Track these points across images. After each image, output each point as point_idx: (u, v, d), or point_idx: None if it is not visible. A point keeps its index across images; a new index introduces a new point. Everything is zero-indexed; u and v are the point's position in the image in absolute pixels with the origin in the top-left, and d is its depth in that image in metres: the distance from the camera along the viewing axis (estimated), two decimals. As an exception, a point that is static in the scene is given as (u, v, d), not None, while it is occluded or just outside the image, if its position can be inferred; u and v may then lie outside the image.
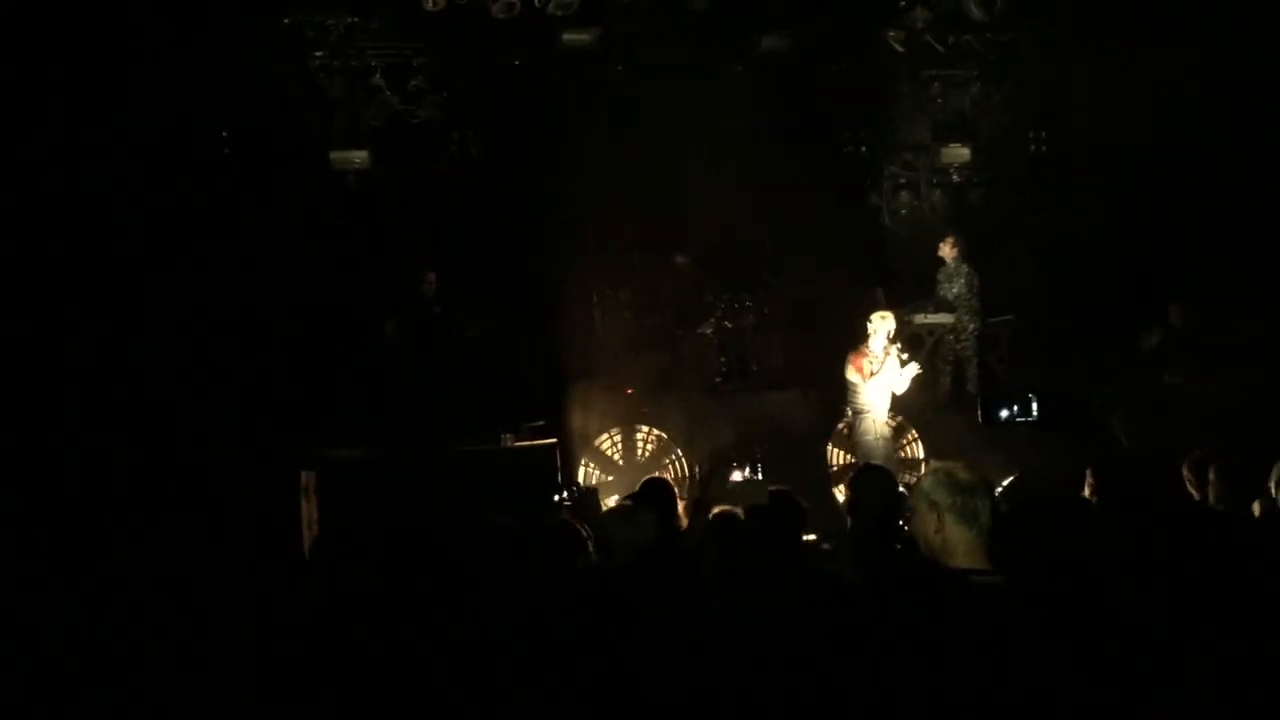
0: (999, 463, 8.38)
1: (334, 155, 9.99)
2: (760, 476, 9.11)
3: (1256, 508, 4.85)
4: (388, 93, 10.21)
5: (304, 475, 8.72)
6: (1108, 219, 10.76)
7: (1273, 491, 4.77)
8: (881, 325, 9.22)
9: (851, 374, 9.28)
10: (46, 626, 4.64)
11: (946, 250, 11.15)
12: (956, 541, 3.13)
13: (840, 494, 9.44)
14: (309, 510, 8.63)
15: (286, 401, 9.06)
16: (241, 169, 9.66)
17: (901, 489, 9.13)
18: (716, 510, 4.82)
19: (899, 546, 4.56)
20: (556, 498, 8.88)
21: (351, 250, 9.89)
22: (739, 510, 4.69)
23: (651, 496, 5.19)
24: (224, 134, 9.69)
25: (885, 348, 9.18)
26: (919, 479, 3.50)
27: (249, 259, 9.28)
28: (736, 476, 9.30)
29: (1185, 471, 5.34)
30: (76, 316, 8.53)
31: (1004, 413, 9.31)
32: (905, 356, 9.29)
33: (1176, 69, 9.57)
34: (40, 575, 6.00)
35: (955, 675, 2.87)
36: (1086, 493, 4.78)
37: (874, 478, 4.77)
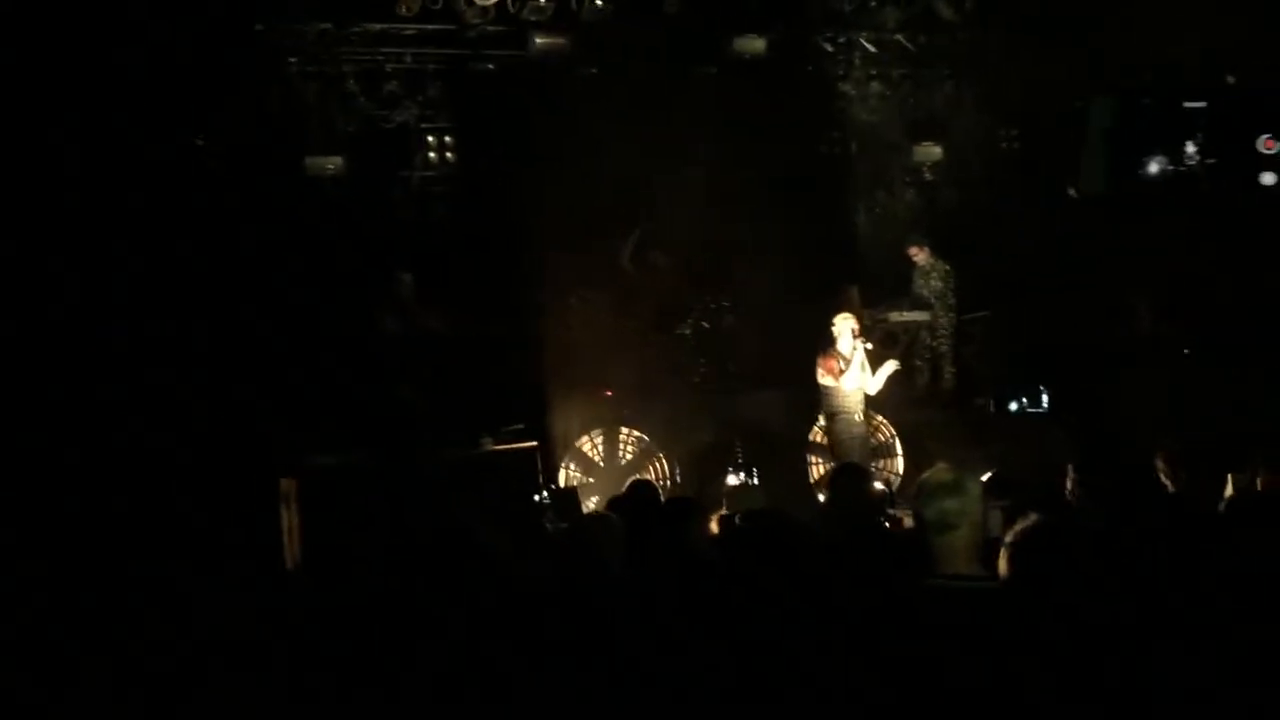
0: (977, 459, 8.46)
1: (309, 161, 9.95)
2: (755, 481, 9.13)
3: (1229, 491, 4.93)
4: (362, 98, 10.19)
5: (284, 483, 8.71)
6: (1078, 217, 10.88)
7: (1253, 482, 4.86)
8: (845, 325, 9.33)
9: (823, 377, 9.36)
10: (25, 637, 4.63)
11: (916, 254, 11.25)
12: (951, 547, 3.16)
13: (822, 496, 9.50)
14: (290, 518, 8.62)
15: (265, 409, 9.04)
16: (216, 175, 9.61)
17: (879, 486, 9.28)
18: (719, 515, 4.85)
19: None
20: (536, 498, 8.89)
21: (328, 256, 9.86)
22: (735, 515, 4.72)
23: (636, 499, 5.22)
24: (198, 141, 9.63)
25: (852, 345, 9.28)
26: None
27: (224, 266, 9.25)
28: (732, 480, 9.33)
29: (1159, 463, 5.42)
30: (49, 323, 8.48)
31: (1014, 404, 9.45)
32: (870, 346, 9.37)
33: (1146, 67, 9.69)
34: (17, 586, 5.98)
35: (931, 680, 2.90)
36: (1069, 487, 4.84)
37: (851, 478, 4.78)
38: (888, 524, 6.34)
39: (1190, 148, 10.12)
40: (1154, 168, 10.15)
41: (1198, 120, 10.24)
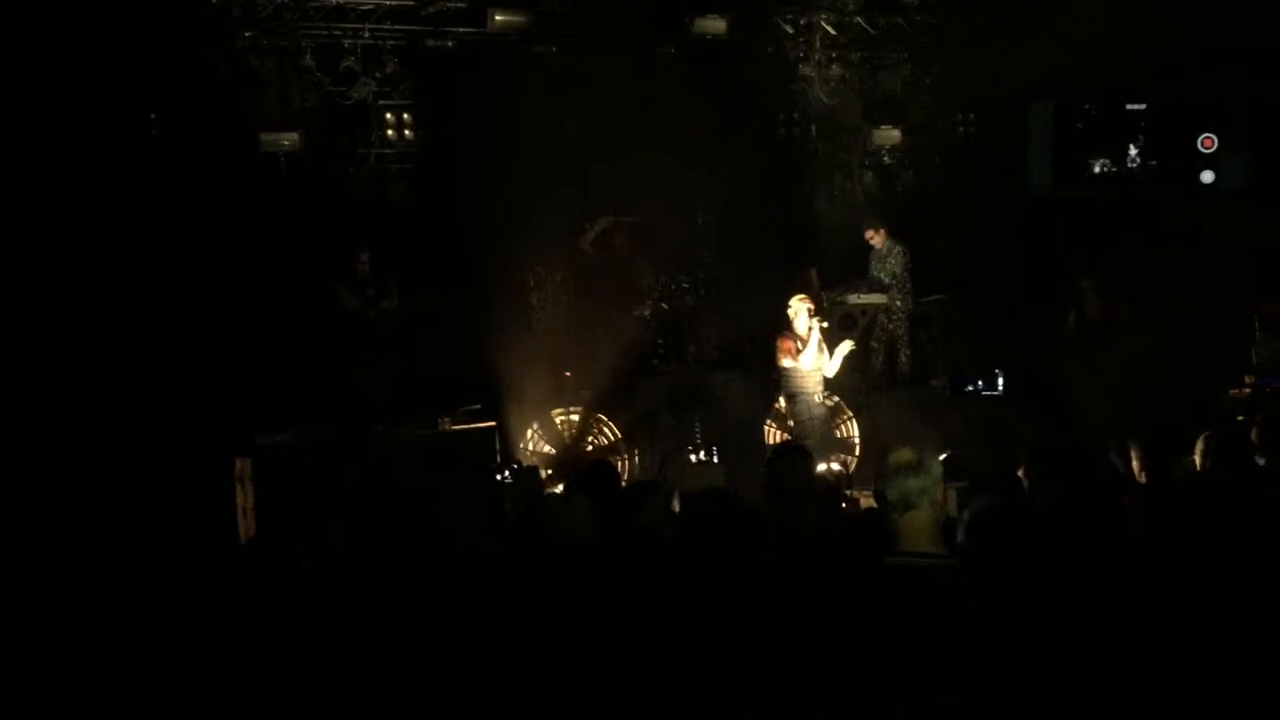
0: (933, 441, 8.53)
1: (264, 137, 9.83)
2: (716, 459, 9.17)
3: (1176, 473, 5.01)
4: (318, 74, 10.08)
5: (239, 462, 8.64)
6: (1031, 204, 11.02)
7: (1197, 464, 4.94)
8: (800, 306, 9.40)
9: (783, 359, 9.43)
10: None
11: (873, 237, 11.32)
12: (911, 526, 3.19)
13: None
14: (244, 497, 8.56)
15: (220, 387, 8.95)
16: (169, 150, 9.48)
17: (837, 467, 9.35)
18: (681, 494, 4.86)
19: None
20: (498, 477, 8.87)
21: (283, 232, 9.76)
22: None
23: (596, 478, 5.23)
24: (151, 115, 9.49)
25: (808, 326, 9.35)
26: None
27: (178, 242, 9.13)
28: (693, 459, 9.37)
29: (1110, 446, 5.51)
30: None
31: (969, 386, 9.58)
32: (826, 325, 9.44)
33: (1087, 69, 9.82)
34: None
35: (899, 662, 2.94)
36: (1021, 471, 4.90)
37: (787, 458, 4.77)
38: (844, 504, 6.40)
39: (1132, 150, 10.36)
40: (1097, 168, 10.38)
41: (1139, 121, 10.47)
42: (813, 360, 9.38)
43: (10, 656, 4.05)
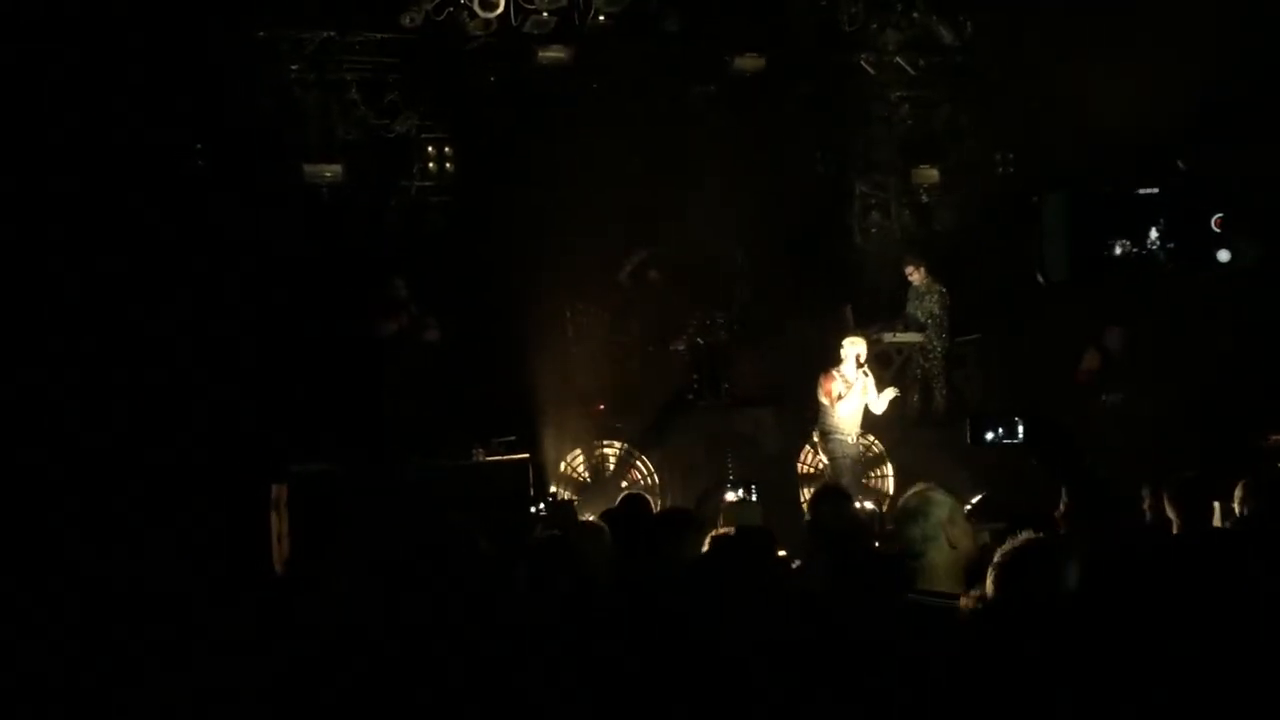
0: (968, 480, 8.49)
1: (307, 168, 9.97)
2: (754, 498, 9.15)
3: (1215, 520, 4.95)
4: (363, 107, 10.22)
5: (275, 488, 8.71)
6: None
7: (1236, 511, 4.87)
8: (851, 349, 9.38)
9: (821, 396, 9.42)
10: (14, 640, 4.62)
11: (913, 274, 11.30)
12: (933, 565, 3.20)
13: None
14: (279, 524, 8.62)
15: (257, 414, 9.04)
16: (213, 180, 9.63)
17: (870, 506, 9.30)
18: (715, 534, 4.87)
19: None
20: (533, 510, 8.89)
21: (324, 262, 9.87)
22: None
23: (629, 512, 5.23)
24: (198, 145, 9.65)
25: (856, 371, 9.32)
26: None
27: (220, 270, 9.26)
28: (730, 497, 9.35)
29: (1144, 493, 5.45)
30: (44, 327, 8.48)
31: (989, 435, 9.38)
32: (869, 375, 9.41)
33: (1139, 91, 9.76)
34: (8, 588, 5.97)
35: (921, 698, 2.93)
36: (1060, 510, 4.87)
37: (830, 500, 4.83)
38: (877, 544, 6.36)
39: (1154, 233, 10.35)
40: (1118, 250, 10.35)
41: (1152, 206, 10.46)
42: (852, 407, 9.35)
43: (45, 670, 4.10)
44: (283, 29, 9.78)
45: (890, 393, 9.57)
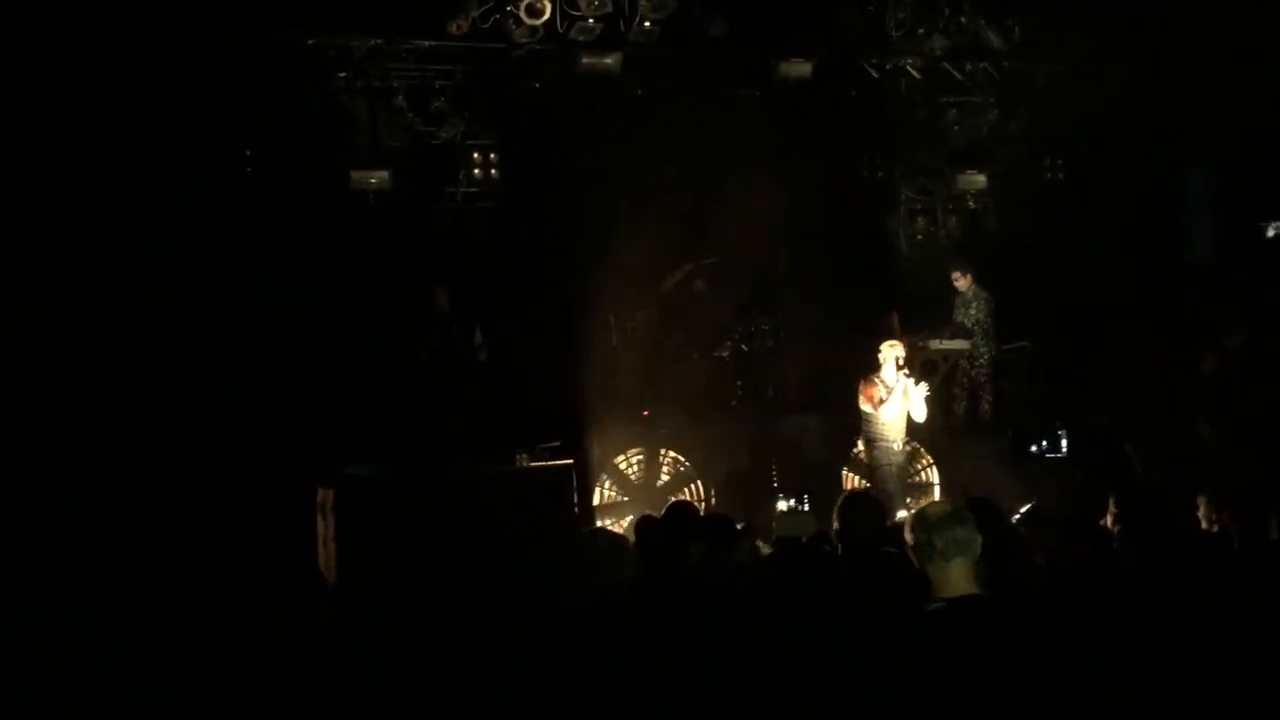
0: (1016, 489, 8.40)
1: (354, 175, 10.05)
2: (806, 507, 9.09)
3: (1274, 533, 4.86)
4: (410, 114, 10.28)
5: (321, 492, 8.78)
6: (1120, 247, 10.80)
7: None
8: (890, 354, 9.29)
9: (863, 403, 9.34)
10: (64, 640, 4.68)
11: (959, 280, 11.22)
12: (944, 576, 3.23)
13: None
14: (325, 528, 8.69)
15: (305, 418, 9.11)
16: (262, 187, 9.73)
17: (901, 514, 9.21)
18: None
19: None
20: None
21: (371, 267, 9.94)
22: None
23: (675, 518, 5.22)
24: (246, 152, 9.76)
25: (896, 375, 9.23)
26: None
27: (267, 276, 9.35)
28: (782, 506, 9.31)
29: (1199, 504, 5.35)
30: (101, 329, 8.61)
31: (1034, 448, 9.20)
32: (911, 378, 9.31)
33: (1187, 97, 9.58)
34: (58, 589, 6.05)
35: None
36: (1109, 521, 4.80)
37: (860, 506, 4.79)
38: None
39: None
40: (1271, 232, 9.79)
41: None
42: (894, 410, 9.26)
43: (93, 669, 4.15)
44: (331, 36, 9.85)
45: (921, 389, 9.42)
